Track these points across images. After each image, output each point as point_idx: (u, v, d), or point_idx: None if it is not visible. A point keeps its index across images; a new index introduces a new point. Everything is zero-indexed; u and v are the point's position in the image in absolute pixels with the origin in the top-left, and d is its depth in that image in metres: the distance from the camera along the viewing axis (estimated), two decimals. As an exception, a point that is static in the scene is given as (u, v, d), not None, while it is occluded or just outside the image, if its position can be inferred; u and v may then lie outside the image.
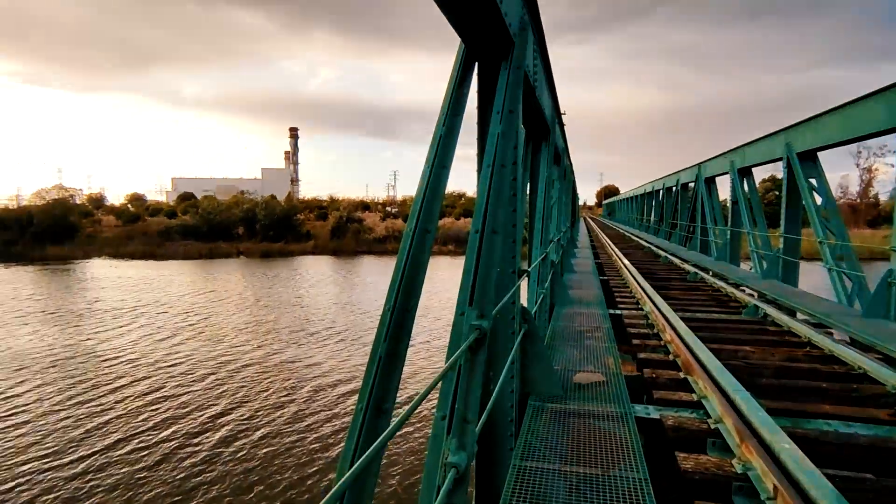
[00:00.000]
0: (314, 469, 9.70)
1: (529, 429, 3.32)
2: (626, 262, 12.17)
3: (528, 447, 3.00)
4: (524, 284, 4.83)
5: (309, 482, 9.30)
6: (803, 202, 9.09)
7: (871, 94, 7.41)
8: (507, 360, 3.11)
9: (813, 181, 9.02)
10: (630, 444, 3.00)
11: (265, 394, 13.49)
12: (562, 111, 9.47)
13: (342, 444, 10.23)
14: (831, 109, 8.46)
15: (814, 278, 13.19)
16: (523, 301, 4.71)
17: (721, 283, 9.03)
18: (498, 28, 2.98)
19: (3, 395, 13.34)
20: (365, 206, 71.60)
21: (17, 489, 8.96)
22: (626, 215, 43.51)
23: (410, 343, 2.15)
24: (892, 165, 58.61)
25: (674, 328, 5.31)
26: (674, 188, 22.05)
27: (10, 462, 9.83)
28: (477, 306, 2.04)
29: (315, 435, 11.06)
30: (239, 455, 10.14)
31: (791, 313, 7.06)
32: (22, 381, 14.26)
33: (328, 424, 11.59)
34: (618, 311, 7.20)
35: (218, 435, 10.98)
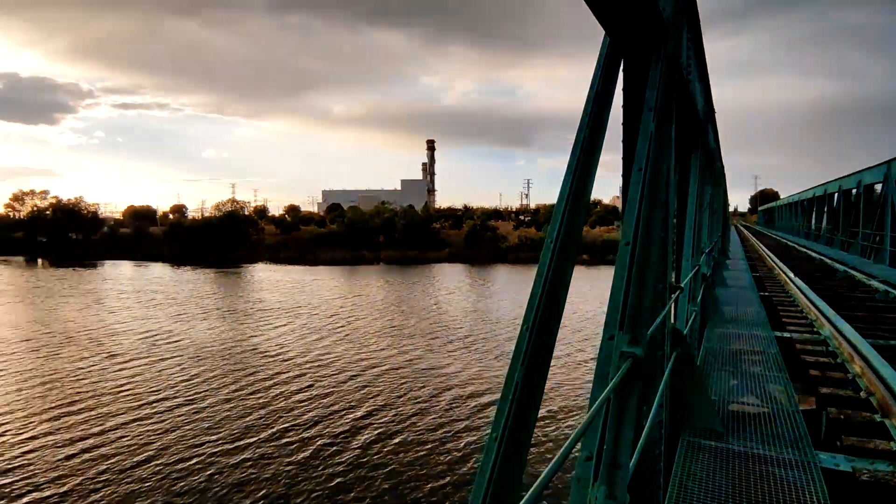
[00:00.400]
0: (447, 482, 9.77)
1: (684, 469, 2.91)
2: (790, 275, 10.64)
3: (684, 491, 2.61)
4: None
5: (443, 494, 9.40)
6: None
7: None
8: (657, 388, 2.76)
9: None
10: (816, 502, 2.48)
11: (405, 400, 14.00)
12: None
13: (475, 462, 10.21)
14: None
15: None
16: (672, 319, 4.23)
17: (872, 281, 7.45)
18: (650, 14, 2.67)
19: (187, 381, 15.42)
20: (498, 214, 72.08)
21: (194, 470, 10.19)
22: (789, 223, 38.53)
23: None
24: None
25: (865, 359, 4.43)
26: (854, 190, 19.00)
27: (188, 444, 11.26)
28: (629, 330, 1.78)
29: (452, 445, 11.19)
30: (379, 460, 10.57)
31: None
32: (199, 372, 16.37)
33: (465, 437, 11.66)
34: (786, 334, 6.24)
35: (361, 438, 11.58)
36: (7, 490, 9.36)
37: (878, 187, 16.29)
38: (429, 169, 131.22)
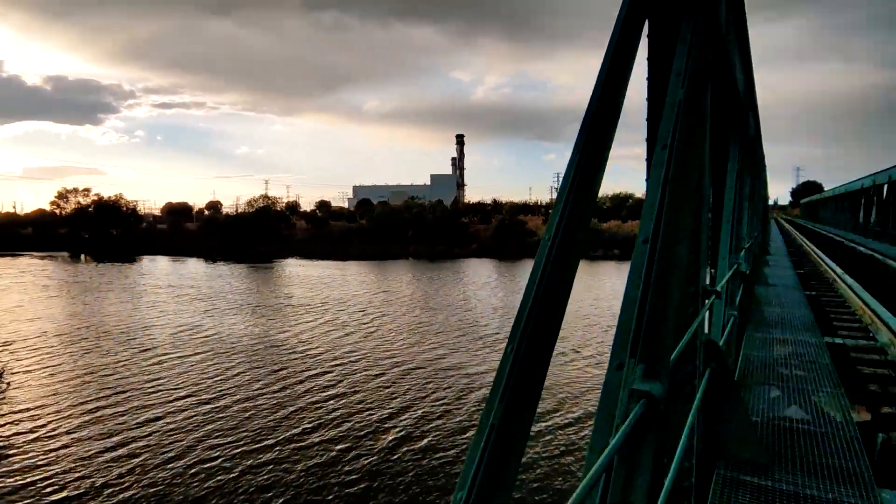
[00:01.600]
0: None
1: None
2: (839, 271, 9.85)
3: (719, 541, 2.15)
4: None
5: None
6: None
7: None
8: (686, 412, 2.30)
9: None
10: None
11: (432, 400, 13.65)
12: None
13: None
14: None
15: None
16: (707, 329, 3.74)
17: None
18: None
19: (218, 377, 15.45)
20: (528, 208, 71.09)
21: (219, 468, 10.09)
22: (834, 216, 36.57)
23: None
24: None
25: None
26: None
27: (212, 442, 11.19)
28: (644, 357, 1.35)
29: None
30: (405, 462, 10.26)
31: None
32: (227, 368, 16.40)
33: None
34: (837, 340, 5.61)
35: (387, 438, 11.30)
36: (31, 484, 9.43)
37: None
38: (458, 164, 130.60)
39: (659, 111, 2.28)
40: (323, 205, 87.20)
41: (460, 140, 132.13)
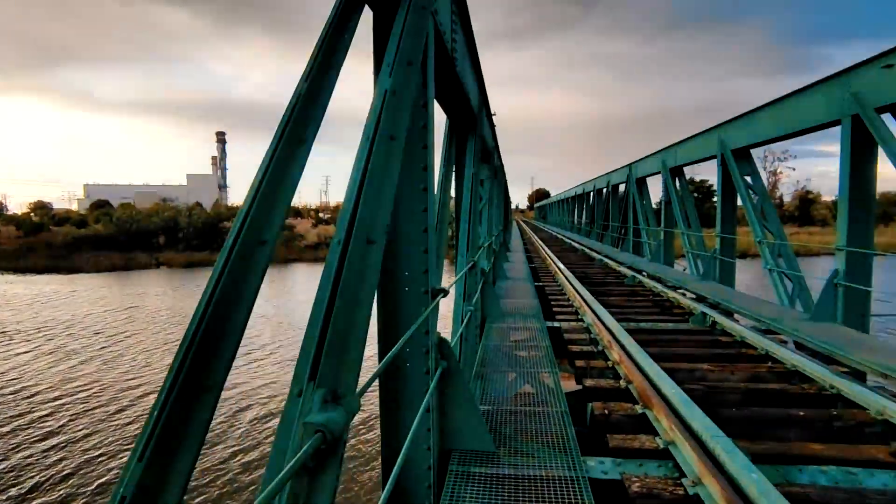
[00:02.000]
0: None
1: (451, 502, 2.43)
2: (560, 265, 11.63)
3: (446, 546, 2.11)
4: (447, 303, 3.96)
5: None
6: (740, 200, 8.82)
7: (803, 88, 7.13)
8: (419, 408, 2.22)
9: (748, 179, 8.75)
10: (585, 527, 2.18)
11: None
12: (492, 112, 8.73)
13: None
14: (764, 106, 8.19)
15: (742, 276, 13.17)
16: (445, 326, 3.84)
17: (661, 288, 8.55)
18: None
19: None
20: (296, 212, 68.95)
21: None
22: (558, 218, 43.87)
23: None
24: (794, 169, 63.47)
25: (622, 345, 4.61)
26: (605, 189, 22.04)
27: None
28: (327, 380, 1.13)
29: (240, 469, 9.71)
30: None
31: (733, 317, 6.64)
32: None
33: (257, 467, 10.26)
34: (556, 324, 6.48)
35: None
36: None
37: (622, 187, 19.02)
38: (219, 163, 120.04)
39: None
40: (40, 207, 71.12)
41: (221, 138, 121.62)
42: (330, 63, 1.95)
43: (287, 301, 30.54)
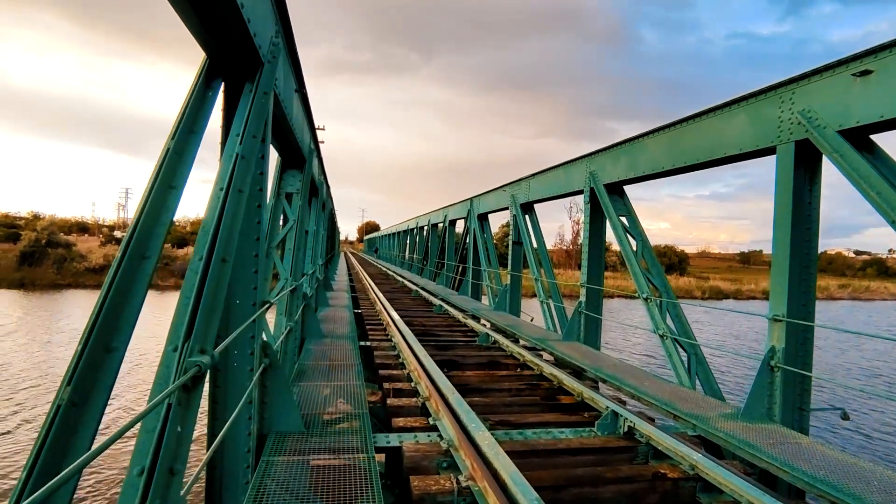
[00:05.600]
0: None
1: (266, 472, 3.11)
2: (394, 314, 12.58)
3: (263, 492, 2.79)
4: (272, 317, 4.60)
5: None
6: (525, 246, 10.81)
7: (564, 163, 9.28)
8: (242, 398, 2.89)
9: (529, 227, 10.80)
10: (369, 476, 3.04)
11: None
12: (320, 140, 9.54)
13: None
14: (543, 170, 10.33)
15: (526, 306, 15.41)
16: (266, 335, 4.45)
17: (468, 319, 9.88)
18: (245, 47, 2.87)
19: None
20: (83, 227, 59.61)
21: None
22: (389, 252, 45.19)
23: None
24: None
25: (416, 356, 5.67)
26: (441, 224, 20.72)
27: None
28: (197, 340, 1.84)
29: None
30: None
31: (515, 339, 8.24)
32: None
33: None
34: (369, 343, 7.39)
35: None
36: None
37: (461, 223, 17.40)
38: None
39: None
40: None
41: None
42: (194, 127, 2.63)
43: (57, 335, 25.38)
